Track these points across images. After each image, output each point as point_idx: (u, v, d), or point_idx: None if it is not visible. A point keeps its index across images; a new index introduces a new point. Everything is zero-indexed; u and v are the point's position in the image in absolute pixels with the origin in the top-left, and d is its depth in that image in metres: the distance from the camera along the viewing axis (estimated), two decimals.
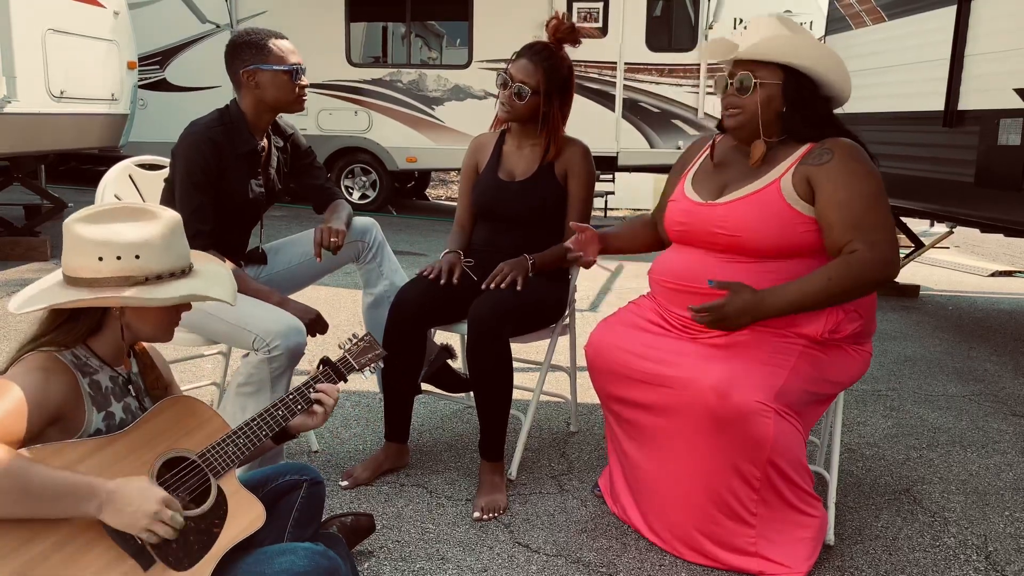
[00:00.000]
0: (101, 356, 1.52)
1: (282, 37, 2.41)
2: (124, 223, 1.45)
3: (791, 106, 2.09)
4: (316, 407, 1.70)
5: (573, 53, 2.60)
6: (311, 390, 1.70)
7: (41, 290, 1.46)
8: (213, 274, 1.57)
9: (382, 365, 1.88)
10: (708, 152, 2.29)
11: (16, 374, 1.39)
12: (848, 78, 2.11)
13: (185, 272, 1.51)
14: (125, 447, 1.45)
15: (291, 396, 1.67)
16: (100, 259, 1.41)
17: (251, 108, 2.38)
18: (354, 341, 1.85)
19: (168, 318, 1.54)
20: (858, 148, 2.06)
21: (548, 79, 2.50)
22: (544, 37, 2.58)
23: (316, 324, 2.28)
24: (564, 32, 2.53)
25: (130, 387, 1.56)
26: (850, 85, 2.13)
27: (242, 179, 2.39)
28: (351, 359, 1.81)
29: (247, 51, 2.35)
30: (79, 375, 1.46)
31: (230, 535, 1.49)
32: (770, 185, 2.07)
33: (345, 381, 1.80)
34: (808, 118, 2.09)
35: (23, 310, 1.41)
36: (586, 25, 2.65)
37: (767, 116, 2.09)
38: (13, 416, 1.33)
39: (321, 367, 1.78)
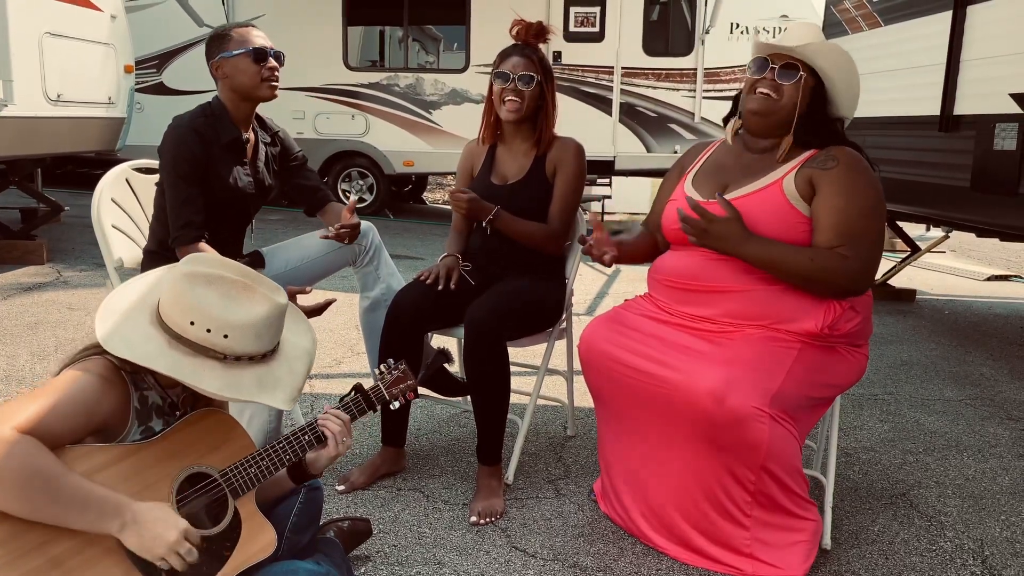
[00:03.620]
0: (158, 379, 1.52)
1: (248, 26, 2.42)
2: (231, 299, 1.46)
3: (811, 113, 2.13)
4: (330, 426, 1.67)
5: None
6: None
7: (129, 318, 1.45)
8: (289, 362, 1.55)
9: (410, 398, 1.85)
10: (709, 152, 2.32)
11: (78, 375, 1.39)
12: (856, 102, 2.18)
13: (266, 356, 1.50)
14: (152, 456, 1.45)
15: (320, 419, 1.67)
16: (192, 323, 1.43)
17: (228, 99, 2.41)
18: (389, 369, 1.81)
19: None
20: (861, 160, 2.10)
21: (544, 66, 2.57)
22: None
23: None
24: (535, 30, 2.59)
25: (177, 411, 1.56)
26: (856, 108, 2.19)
27: (229, 169, 2.40)
28: (383, 388, 1.79)
29: (213, 45, 2.40)
30: (132, 388, 1.46)
31: (239, 560, 1.49)
32: (772, 184, 2.10)
33: (375, 411, 1.78)
34: (820, 128, 2.14)
35: (114, 351, 1.40)
36: (550, 28, 2.69)
37: (793, 113, 2.12)
38: (63, 417, 1.33)
39: (352, 393, 1.76)
